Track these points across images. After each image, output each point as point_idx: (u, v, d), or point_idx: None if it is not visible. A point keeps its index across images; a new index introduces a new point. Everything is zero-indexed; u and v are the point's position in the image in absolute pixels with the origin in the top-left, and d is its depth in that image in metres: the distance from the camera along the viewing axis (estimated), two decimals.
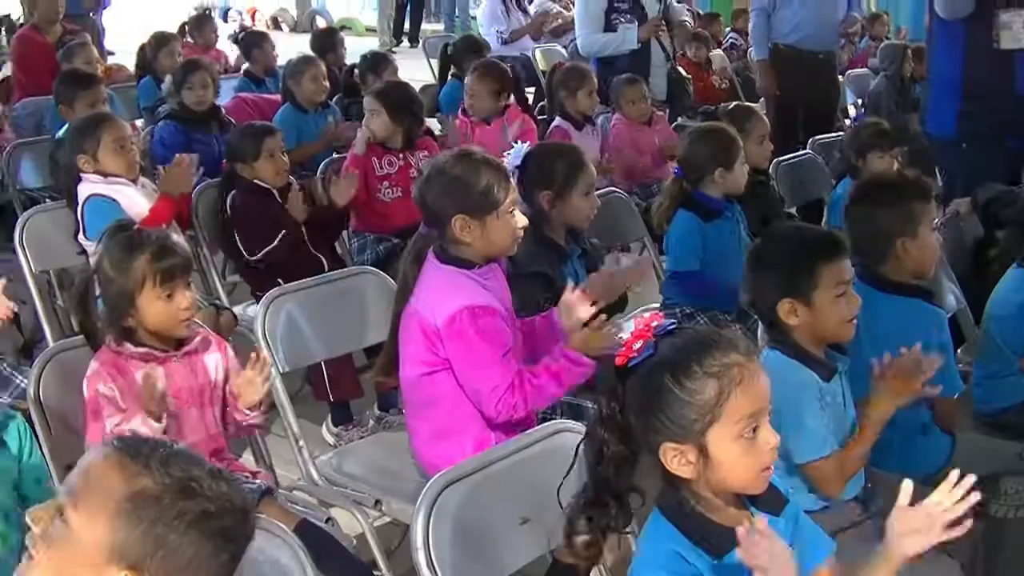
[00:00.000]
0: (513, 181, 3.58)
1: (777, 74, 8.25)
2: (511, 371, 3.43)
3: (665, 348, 2.24)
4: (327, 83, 7.49)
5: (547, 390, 3.43)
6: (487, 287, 3.52)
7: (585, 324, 3.40)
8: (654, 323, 2.29)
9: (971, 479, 2.22)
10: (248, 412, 3.43)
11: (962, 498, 2.22)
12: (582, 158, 4.30)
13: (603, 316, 3.45)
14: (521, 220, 3.55)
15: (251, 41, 9.01)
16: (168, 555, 1.91)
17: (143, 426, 3.17)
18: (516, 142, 4.27)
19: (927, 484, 3.47)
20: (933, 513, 2.21)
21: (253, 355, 3.43)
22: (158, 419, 3.21)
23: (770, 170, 6.00)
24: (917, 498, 3.20)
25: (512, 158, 4.13)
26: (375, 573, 3.46)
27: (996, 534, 3.60)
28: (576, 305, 3.49)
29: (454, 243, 3.51)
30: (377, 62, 7.96)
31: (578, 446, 2.45)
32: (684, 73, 9.38)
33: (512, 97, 7.02)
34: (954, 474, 2.24)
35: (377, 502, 3.62)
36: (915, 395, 3.08)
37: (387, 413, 4.93)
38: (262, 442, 4.08)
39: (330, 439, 5.04)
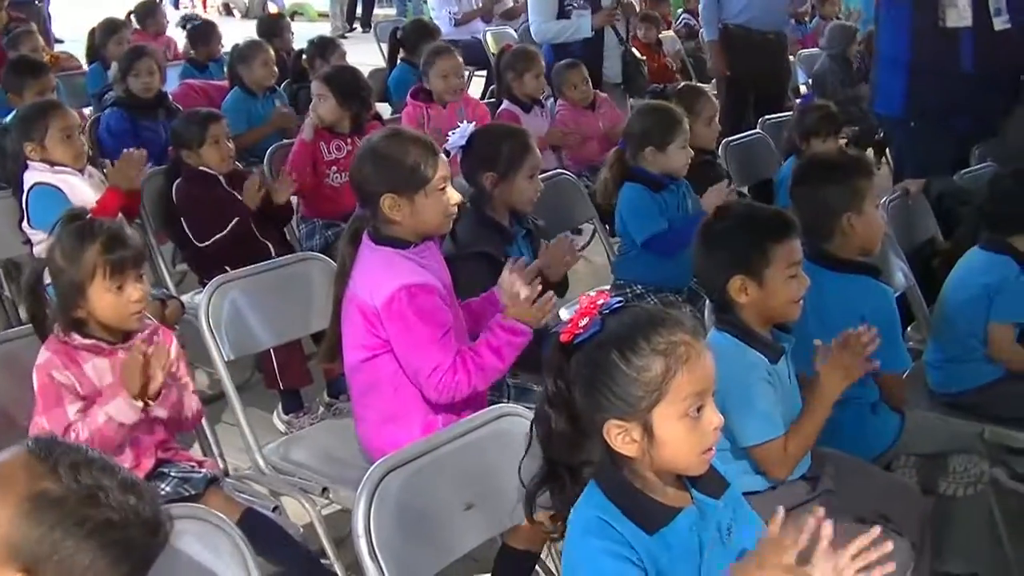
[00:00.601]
0: (443, 157, 3.55)
1: (728, 54, 8.25)
2: (451, 350, 3.42)
3: (612, 324, 2.23)
4: (276, 68, 7.48)
5: (490, 367, 3.42)
6: (424, 265, 3.51)
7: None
8: (600, 301, 2.28)
9: (828, 525, 2.09)
10: (150, 403, 3.31)
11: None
12: (528, 141, 4.26)
13: (547, 292, 3.48)
14: (454, 197, 3.53)
15: (201, 32, 8.95)
16: (63, 561, 1.87)
17: (126, 405, 3.17)
18: (463, 122, 4.25)
19: (877, 463, 3.54)
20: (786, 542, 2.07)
21: (158, 341, 3.39)
22: (144, 399, 3.21)
23: (719, 150, 6.00)
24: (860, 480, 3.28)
25: (457, 137, 4.11)
26: (323, 561, 3.44)
27: (945, 512, 3.62)
28: (516, 280, 3.51)
29: (386, 222, 3.49)
30: (324, 47, 7.94)
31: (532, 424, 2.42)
32: (639, 55, 9.35)
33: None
34: (821, 512, 2.12)
35: (324, 490, 3.59)
36: (860, 373, 3.08)
37: (337, 400, 4.93)
38: (211, 431, 4.05)
39: (281, 427, 5.03)
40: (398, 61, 8.67)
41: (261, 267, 4.12)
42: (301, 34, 9.50)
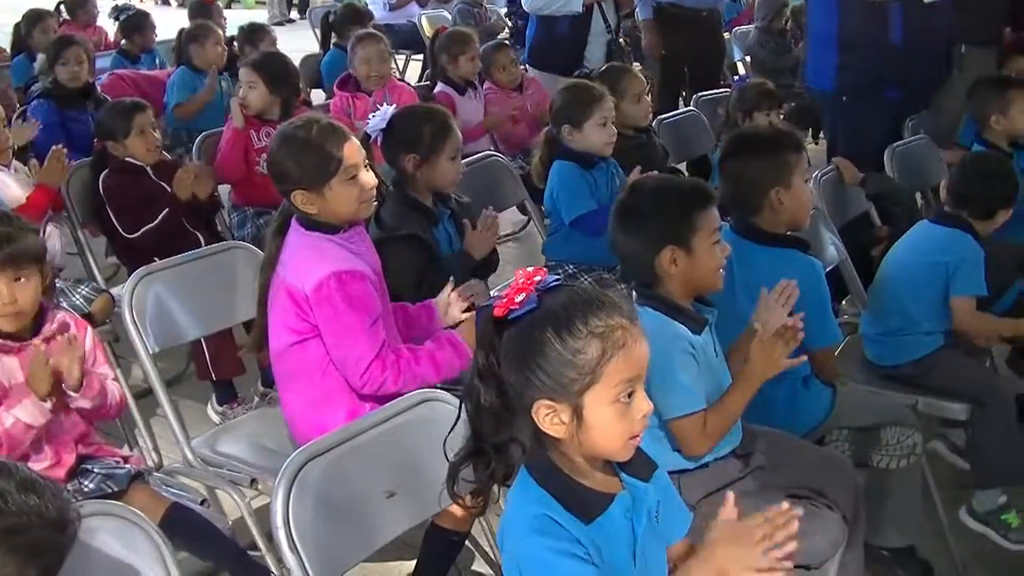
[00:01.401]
0: (354, 143, 3.49)
1: (662, 33, 8.23)
2: (379, 338, 3.40)
3: (549, 303, 2.17)
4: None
5: (422, 375, 3.41)
6: (354, 251, 3.48)
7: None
8: (537, 278, 2.21)
9: (798, 512, 2.07)
10: (73, 394, 3.30)
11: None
12: (449, 122, 4.23)
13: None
14: (368, 183, 3.49)
15: (135, 22, 8.83)
16: None
17: (33, 408, 3.15)
18: (382, 105, 4.21)
19: (809, 437, 3.53)
20: (755, 537, 2.04)
21: (69, 335, 3.34)
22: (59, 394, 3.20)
23: (652, 127, 5.96)
24: (790, 456, 3.26)
25: (377, 120, 4.08)
26: (254, 554, 3.39)
27: (879, 485, 3.62)
28: (452, 305, 3.60)
29: (305, 212, 3.47)
30: (254, 33, 7.89)
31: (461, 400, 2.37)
32: (625, 45, 9.29)
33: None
34: (785, 505, 2.09)
35: (253, 481, 3.54)
36: (785, 367, 3.05)
37: (271, 389, 4.87)
38: (144, 424, 4.00)
39: (215, 418, 4.99)
40: (331, 46, 8.60)
41: (185, 257, 4.04)
42: (238, 22, 9.37)
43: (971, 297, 4.09)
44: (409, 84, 7.71)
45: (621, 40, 8.65)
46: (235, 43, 8.00)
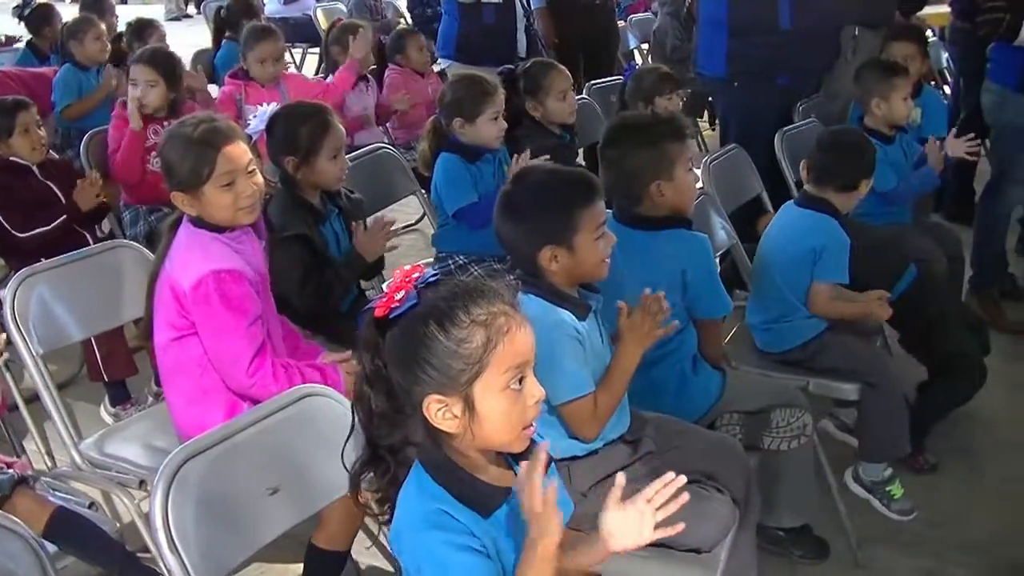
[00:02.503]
0: (238, 147, 3.43)
1: (555, 21, 8.23)
2: (257, 340, 3.40)
3: (429, 297, 2.15)
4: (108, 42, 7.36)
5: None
6: (239, 251, 3.45)
7: None
8: (415, 274, 2.20)
9: (681, 480, 2.20)
10: None
11: (673, 496, 2.19)
12: (328, 119, 4.19)
13: None
14: (244, 189, 3.43)
15: (42, 15, 8.67)
16: None
17: None
18: (262, 105, 4.17)
19: (701, 422, 3.55)
20: (644, 513, 2.17)
21: None
22: None
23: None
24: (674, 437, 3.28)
25: (257, 123, 4.05)
26: (144, 556, 3.33)
27: (771, 466, 3.65)
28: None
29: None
30: (142, 28, 7.75)
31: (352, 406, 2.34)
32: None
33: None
34: (669, 475, 2.21)
35: (142, 482, 3.49)
36: (656, 337, 3.07)
37: None
38: (36, 428, 3.93)
39: (108, 420, 4.92)
40: (224, 41, 8.51)
41: (70, 257, 3.95)
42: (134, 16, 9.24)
43: (830, 284, 4.14)
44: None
45: None
46: (124, 39, 7.89)
